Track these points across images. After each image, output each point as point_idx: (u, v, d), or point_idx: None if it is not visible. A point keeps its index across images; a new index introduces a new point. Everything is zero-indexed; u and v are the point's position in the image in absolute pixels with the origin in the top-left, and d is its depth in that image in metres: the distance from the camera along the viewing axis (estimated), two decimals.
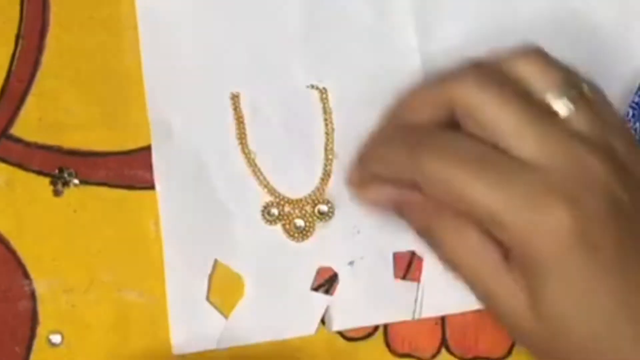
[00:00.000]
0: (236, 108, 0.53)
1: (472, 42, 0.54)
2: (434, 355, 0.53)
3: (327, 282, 0.52)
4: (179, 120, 0.52)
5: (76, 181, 0.52)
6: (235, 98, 0.53)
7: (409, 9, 0.54)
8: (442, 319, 0.52)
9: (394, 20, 0.54)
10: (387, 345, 0.52)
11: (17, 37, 0.52)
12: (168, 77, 0.53)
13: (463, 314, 0.52)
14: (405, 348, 0.53)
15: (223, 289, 0.51)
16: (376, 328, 0.52)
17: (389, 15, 0.54)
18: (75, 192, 0.52)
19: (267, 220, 0.52)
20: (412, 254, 0.52)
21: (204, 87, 0.53)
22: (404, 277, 0.52)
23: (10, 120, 0.52)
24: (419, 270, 0.52)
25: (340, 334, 0.52)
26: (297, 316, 0.52)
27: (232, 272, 0.52)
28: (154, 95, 0.52)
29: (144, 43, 0.53)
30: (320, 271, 0.52)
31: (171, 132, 0.52)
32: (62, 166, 0.52)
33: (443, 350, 0.53)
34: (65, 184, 0.52)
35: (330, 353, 0.52)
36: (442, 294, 0.52)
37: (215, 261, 0.51)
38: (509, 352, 0.53)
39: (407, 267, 0.52)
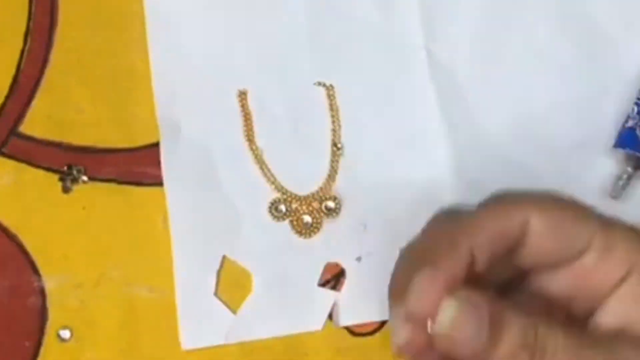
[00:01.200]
0: (244, 105, 0.53)
1: (477, 40, 0.55)
2: None
3: (334, 278, 0.52)
4: (186, 117, 0.53)
5: (85, 178, 0.52)
6: (242, 95, 0.53)
7: (415, 7, 0.54)
8: None
9: (400, 17, 0.54)
10: None
11: (26, 34, 0.52)
12: (176, 75, 0.53)
13: None
14: None
15: (231, 284, 0.52)
16: (383, 323, 0.52)
17: (395, 13, 0.54)
18: (84, 188, 0.52)
19: (275, 217, 0.52)
20: None
21: (211, 84, 0.53)
22: None
23: (19, 118, 0.52)
24: None
25: (347, 329, 0.52)
26: (305, 312, 0.52)
27: (240, 268, 0.52)
28: (162, 92, 0.53)
29: (151, 41, 0.53)
30: (327, 267, 0.52)
31: (179, 129, 0.52)
32: (70, 163, 0.52)
33: None
34: (74, 180, 0.52)
35: (337, 348, 0.52)
36: None
37: (223, 257, 0.52)
38: None
39: None
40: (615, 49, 0.55)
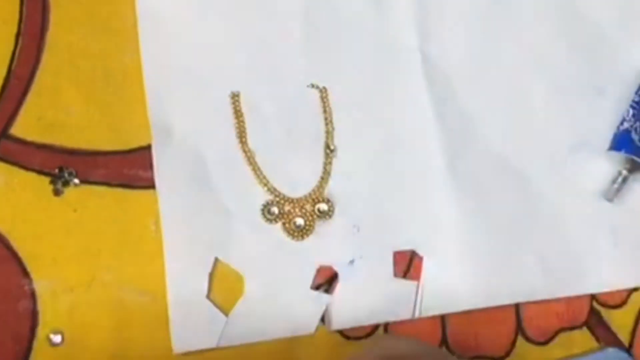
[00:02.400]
0: (236, 107, 0.53)
1: (471, 41, 0.55)
2: None
3: (327, 282, 0.52)
4: (179, 120, 0.52)
5: (76, 180, 0.51)
6: (235, 97, 0.53)
7: (409, 8, 0.54)
8: (442, 318, 0.53)
9: (394, 19, 0.54)
10: None
11: (17, 36, 0.52)
12: (168, 77, 0.53)
13: (463, 313, 0.52)
14: None
15: (223, 287, 0.51)
16: (376, 327, 0.52)
17: (389, 15, 0.54)
18: (75, 191, 0.52)
19: (267, 219, 0.52)
20: (412, 252, 0.52)
21: (204, 86, 0.53)
22: (404, 276, 0.52)
23: (10, 120, 0.52)
24: (419, 269, 0.52)
25: (341, 333, 0.52)
26: (297, 315, 0.52)
27: (232, 271, 0.51)
28: (154, 95, 0.52)
29: (144, 43, 0.53)
30: (320, 270, 0.52)
31: (171, 132, 0.52)
32: (62, 165, 0.52)
33: (443, 350, 0.53)
34: (65, 183, 0.51)
35: (331, 352, 0.52)
36: (442, 293, 0.52)
37: (216, 260, 0.51)
38: (509, 352, 0.53)
39: (407, 266, 0.52)
40: (610, 50, 0.55)
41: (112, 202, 0.52)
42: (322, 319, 0.52)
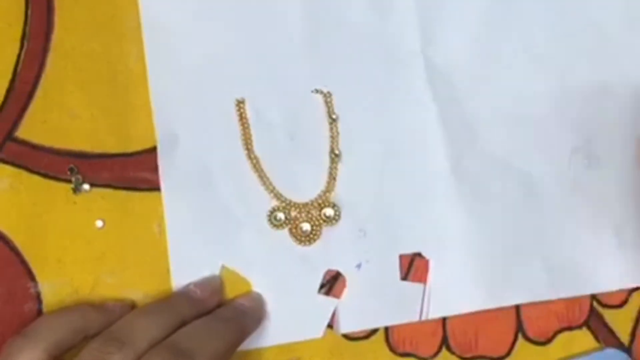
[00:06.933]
0: (241, 114, 0.53)
1: (474, 44, 0.55)
2: (435, 355, 0.53)
3: (328, 283, 0.53)
4: (184, 125, 0.52)
5: (87, 187, 0.51)
6: (240, 104, 0.53)
7: (412, 12, 0.54)
8: (443, 319, 0.53)
9: (397, 23, 0.54)
10: (388, 344, 0.53)
11: (22, 39, 0.52)
12: (173, 84, 0.52)
13: (464, 314, 0.53)
14: (406, 347, 0.53)
15: (229, 293, 0.52)
16: (377, 328, 0.53)
17: (392, 19, 0.54)
18: (80, 194, 0.52)
19: (274, 225, 0.52)
20: (419, 255, 0.53)
21: (209, 93, 0.53)
22: (410, 279, 0.53)
23: (16, 123, 0.51)
24: (426, 271, 0.53)
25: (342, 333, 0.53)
26: (305, 320, 0.52)
27: (239, 277, 0.52)
28: (160, 101, 0.52)
29: (148, 50, 0.52)
30: (327, 275, 0.53)
31: (177, 138, 0.52)
32: (67, 168, 0.51)
33: (443, 350, 0.53)
34: (70, 185, 0.51)
35: (332, 352, 0.53)
36: (449, 294, 0.53)
37: (222, 266, 0.52)
38: (509, 352, 0.54)
39: (413, 269, 0.53)
40: (615, 50, 0.55)
41: (116, 204, 0.52)
42: (329, 323, 0.52)
